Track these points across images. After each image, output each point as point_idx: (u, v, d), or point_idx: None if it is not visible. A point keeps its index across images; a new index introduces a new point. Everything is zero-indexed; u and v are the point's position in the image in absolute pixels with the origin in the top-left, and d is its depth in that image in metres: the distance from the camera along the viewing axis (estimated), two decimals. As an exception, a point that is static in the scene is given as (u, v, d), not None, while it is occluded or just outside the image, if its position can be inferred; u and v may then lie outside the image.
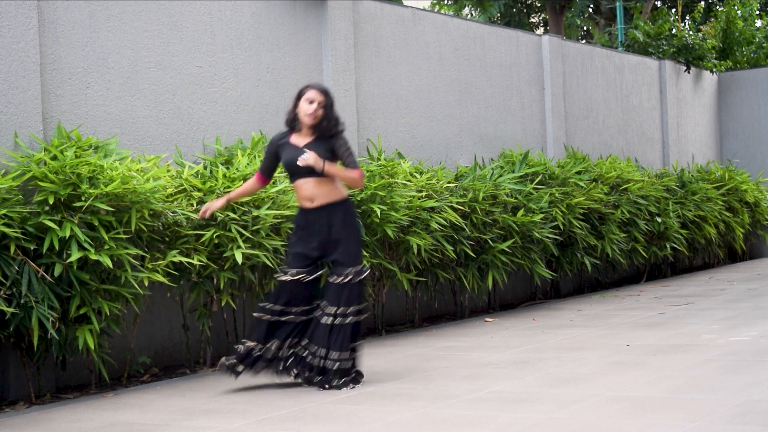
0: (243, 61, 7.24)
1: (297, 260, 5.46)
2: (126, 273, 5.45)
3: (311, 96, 5.38)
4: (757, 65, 15.79)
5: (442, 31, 9.29)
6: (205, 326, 6.40)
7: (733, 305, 8.38)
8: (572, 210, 9.26)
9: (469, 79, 9.59)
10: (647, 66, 12.80)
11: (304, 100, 5.39)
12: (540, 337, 7.01)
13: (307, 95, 5.39)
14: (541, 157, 9.75)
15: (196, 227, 6.05)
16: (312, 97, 5.38)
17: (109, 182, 5.45)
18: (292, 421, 4.58)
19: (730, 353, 5.82)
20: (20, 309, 5.14)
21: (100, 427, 4.71)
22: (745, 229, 12.76)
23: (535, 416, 4.39)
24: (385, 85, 8.54)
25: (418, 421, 4.44)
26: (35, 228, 5.30)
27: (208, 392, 5.48)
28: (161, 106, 6.63)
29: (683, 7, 19.18)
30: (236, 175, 6.35)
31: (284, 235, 6.38)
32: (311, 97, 5.38)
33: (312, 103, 5.37)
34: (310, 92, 5.40)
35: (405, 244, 7.39)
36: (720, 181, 12.42)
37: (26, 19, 5.75)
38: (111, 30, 6.33)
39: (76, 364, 5.94)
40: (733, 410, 4.26)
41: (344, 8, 8.04)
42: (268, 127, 7.36)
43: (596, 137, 11.58)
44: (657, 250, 10.91)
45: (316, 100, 5.37)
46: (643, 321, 7.60)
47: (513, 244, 8.47)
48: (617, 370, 5.47)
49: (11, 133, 5.64)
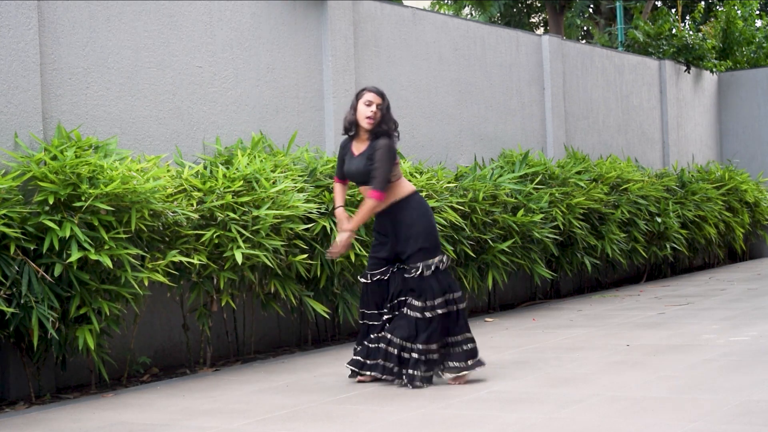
0: (243, 61, 7.24)
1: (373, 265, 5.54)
2: (126, 273, 5.45)
3: (369, 98, 5.36)
4: (757, 65, 15.79)
5: (442, 31, 9.29)
6: (205, 326, 6.40)
7: (733, 305, 8.38)
8: (572, 210, 9.26)
9: (469, 79, 9.59)
10: (647, 66, 12.80)
11: (362, 104, 5.36)
12: (540, 337, 7.01)
13: (364, 98, 5.37)
14: (541, 157, 9.76)
15: (195, 227, 6.05)
16: (370, 99, 5.35)
17: (109, 182, 5.44)
18: (292, 421, 4.58)
19: (730, 353, 5.82)
20: (20, 309, 5.14)
21: (100, 427, 4.71)
22: (745, 229, 12.76)
23: (535, 416, 4.39)
24: (385, 85, 8.53)
25: (418, 421, 4.44)
26: (35, 228, 5.30)
27: (208, 392, 5.48)
28: (161, 106, 6.63)
29: (683, 7, 19.18)
30: (236, 175, 6.35)
31: (284, 235, 6.38)
32: (369, 99, 5.35)
33: (370, 106, 5.35)
34: (367, 95, 5.37)
35: (405, 244, 7.38)
36: (720, 181, 12.42)
37: (26, 19, 5.75)
38: (111, 30, 6.33)
39: (76, 364, 5.94)
40: (733, 410, 4.26)
41: (344, 8, 8.04)
42: (268, 127, 7.36)
43: (596, 137, 11.58)
44: (657, 250, 10.91)
45: (375, 102, 5.35)
46: (643, 321, 7.60)
47: (513, 244, 8.47)
48: (617, 370, 5.47)
49: (11, 133, 5.64)
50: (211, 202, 6.11)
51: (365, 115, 5.34)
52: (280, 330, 7.23)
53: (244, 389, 5.51)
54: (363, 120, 5.36)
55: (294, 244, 6.56)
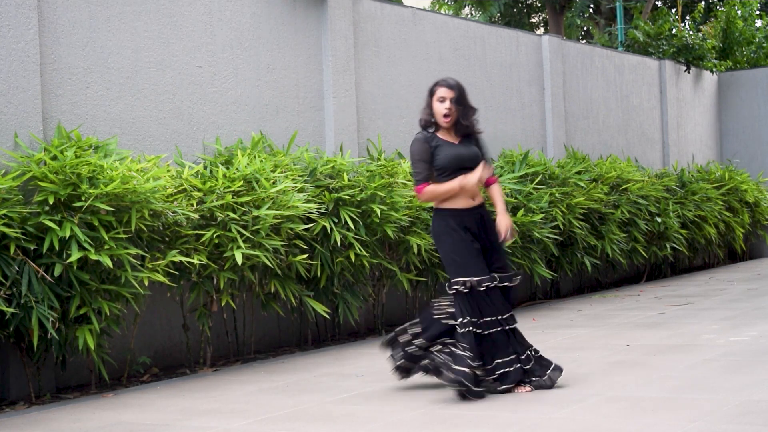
0: (243, 61, 7.24)
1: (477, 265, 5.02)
2: (126, 273, 5.45)
3: (442, 94, 5.10)
4: (757, 65, 15.79)
5: (442, 31, 9.29)
6: (205, 326, 6.40)
7: (733, 305, 8.38)
8: (572, 210, 9.26)
9: (469, 79, 9.58)
10: (647, 66, 12.80)
11: (436, 100, 5.13)
12: (540, 337, 7.00)
13: (438, 94, 5.12)
14: (541, 157, 9.75)
15: (195, 227, 6.05)
16: (443, 95, 5.10)
17: (109, 182, 5.44)
18: (292, 421, 4.58)
19: (730, 353, 5.82)
20: (20, 309, 5.14)
21: (100, 427, 4.71)
22: (745, 229, 12.76)
23: (535, 416, 4.39)
24: (385, 85, 8.54)
25: (418, 421, 4.44)
26: (35, 228, 5.30)
27: (208, 392, 5.48)
28: (161, 106, 6.63)
29: (683, 7, 19.18)
30: (236, 175, 6.35)
31: (284, 235, 6.38)
32: (442, 95, 5.10)
33: (444, 102, 5.09)
34: (440, 90, 5.12)
35: (405, 244, 7.39)
36: (720, 181, 12.42)
37: (26, 19, 5.75)
38: (111, 30, 6.33)
39: (76, 364, 5.94)
40: (733, 410, 4.26)
41: (344, 8, 8.04)
42: (268, 127, 7.36)
43: (596, 137, 11.58)
44: (657, 250, 10.91)
45: (447, 97, 5.09)
46: (643, 321, 7.60)
47: (513, 244, 8.47)
48: (617, 370, 5.47)
49: (11, 133, 5.64)
50: (211, 202, 6.11)
51: (441, 112, 5.10)
52: (280, 330, 7.23)
53: (244, 389, 5.51)
54: (440, 119, 5.11)
55: (294, 244, 6.57)
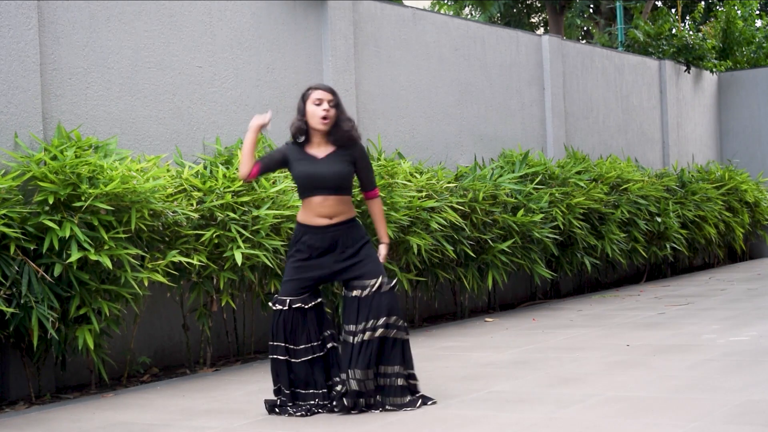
0: (243, 61, 7.24)
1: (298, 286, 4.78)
2: (126, 273, 5.45)
3: (319, 96, 4.72)
4: (757, 65, 15.79)
5: (442, 31, 9.29)
6: (205, 326, 6.40)
7: (733, 305, 8.38)
8: (572, 210, 9.26)
9: (469, 79, 9.59)
10: (647, 66, 12.80)
11: (311, 103, 4.73)
12: (540, 337, 7.01)
13: (313, 96, 4.73)
14: (541, 157, 9.75)
15: (195, 227, 6.05)
16: (320, 97, 4.71)
17: (109, 182, 5.44)
18: (292, 421, 4.58)
19: (730, 353, 5.82)
20: (20, 309, 5.14)
21: (100, 427, 4.70)
22: (745, 229, 12.76)
23: (535, 416, 4.39)
24: (385, 85, 8.54)
25: (418, 421, 4.44)
26: (35, 228, 5.30)
27: (208, 392, 5.48)
28: (161, 106, 6.63)
29: (683, 7, 19.17)
30: (236, 175, 6.35)
31: (284, 235, 6.38)
32: (319, 97, 4.72)
33: (321, 104, 4.72)
34: (316, 93, 4.73)
35: (405, 244, 7.39)
36: (720, 181, 12.42)
37: (26, 19, 5.74)
38: (111, 30, 6.33)
39: (76, 364, 5.94)
40: (733, 410, 4.26)
41: (344, 8, 8.04)
42: (268, 127, 7.35)
43: (596, 137, 11.58)
44: (657, 250, 10.90)
45: (325, 99, 4.72)
46: (643, 321, 7.60)
47: (513, 244, 8.47)
48: (617, 370, 5.47)
49: (11, 133, 5.64)
50: (211, 202, 6.11)
51: (318, 115, 4.70)
52: (280, 330, 7.22)
53: (244, 389, 5.51)
54: (317, 122, 4.71)
55: (294, 244, 6.56)
